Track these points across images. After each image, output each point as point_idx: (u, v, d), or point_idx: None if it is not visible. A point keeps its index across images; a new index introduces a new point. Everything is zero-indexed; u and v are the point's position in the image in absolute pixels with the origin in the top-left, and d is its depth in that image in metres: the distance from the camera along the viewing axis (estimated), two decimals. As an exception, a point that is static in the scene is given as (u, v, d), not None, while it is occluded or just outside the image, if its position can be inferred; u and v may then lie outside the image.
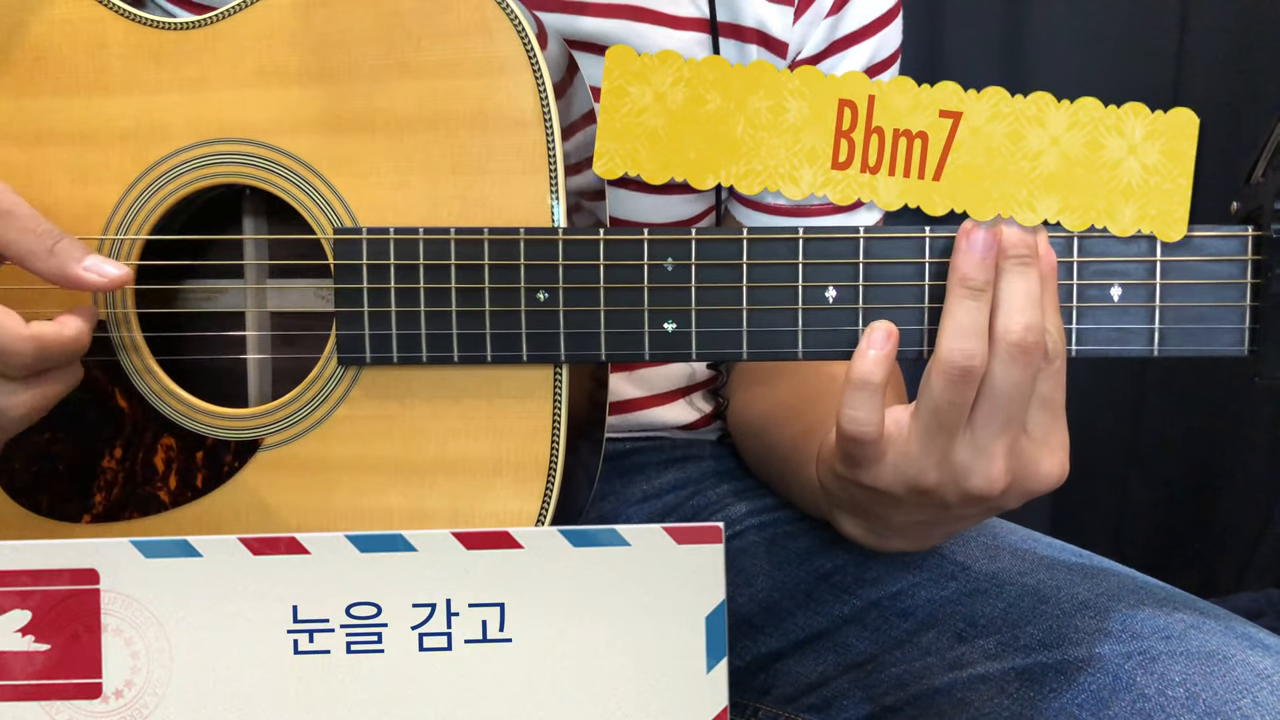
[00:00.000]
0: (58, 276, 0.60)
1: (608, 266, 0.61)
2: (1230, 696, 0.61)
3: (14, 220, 0.59)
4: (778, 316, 0.61)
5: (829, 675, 0.73)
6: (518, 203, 0.63)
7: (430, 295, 0.63)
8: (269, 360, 0.71)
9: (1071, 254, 0.59)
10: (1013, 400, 0.56)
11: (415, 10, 0.63)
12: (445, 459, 0.65)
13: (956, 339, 0.56)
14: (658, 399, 0.86)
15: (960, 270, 0.57)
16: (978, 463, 0.57)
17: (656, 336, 0.62)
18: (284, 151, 0.65)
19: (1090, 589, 0.69)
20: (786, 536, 0.79)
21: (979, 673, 0.67)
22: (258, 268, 0.70)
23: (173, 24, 0.66)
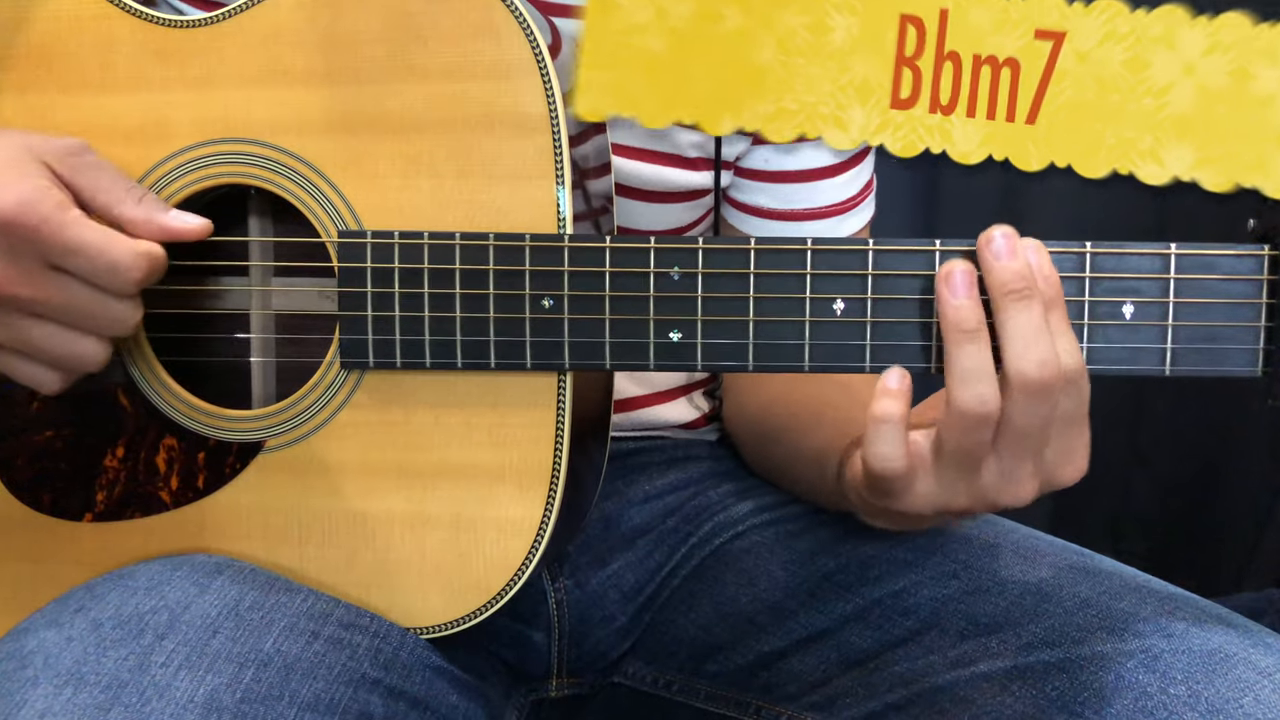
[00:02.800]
0: (146, 223, 0.63)
1: (613, 274, 0.61)
2: (1232, 695, 0.61)
3: (105, 171, 0.63)
4: (784, 328, 0.60)
5: (831, 674, 0.73)
6: (524, 208, 0.62)
7: (434, 300, 0.62)
8: (273, 361, 0.70)
9: (1084, 270, 0.58)
10: (1035, 430, 0.56)
11: (423, 12, 0.62)
12: (448, 464, 0.64)
13: (965, 386, 0.55)
14: (658, 397, 0.86)
15: (949, 318, 0.56)
16: (1006, 487, 0.57)
17: (662, 346, 0.61)
18: (289, 152, 0.65)
19: (1092, 587, 0.69)
20: (788, 536, 0.79)
21: (981, 671, 0.67)
22: (262, 269, 0.69)
23: (179, 22, 0.66)
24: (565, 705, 0.81)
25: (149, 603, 0.59)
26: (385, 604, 0.65)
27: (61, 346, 0.62)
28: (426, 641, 0.65)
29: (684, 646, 0.79)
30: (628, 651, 0.81)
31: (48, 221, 0.59)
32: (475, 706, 0.68)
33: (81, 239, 0.59)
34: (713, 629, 0.78)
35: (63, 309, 0.61)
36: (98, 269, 0.60)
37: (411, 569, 0.65)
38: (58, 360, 0.62)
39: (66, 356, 0.62)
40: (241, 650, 0.57)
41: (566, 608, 0.80)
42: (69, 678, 0.55)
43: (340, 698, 0.58)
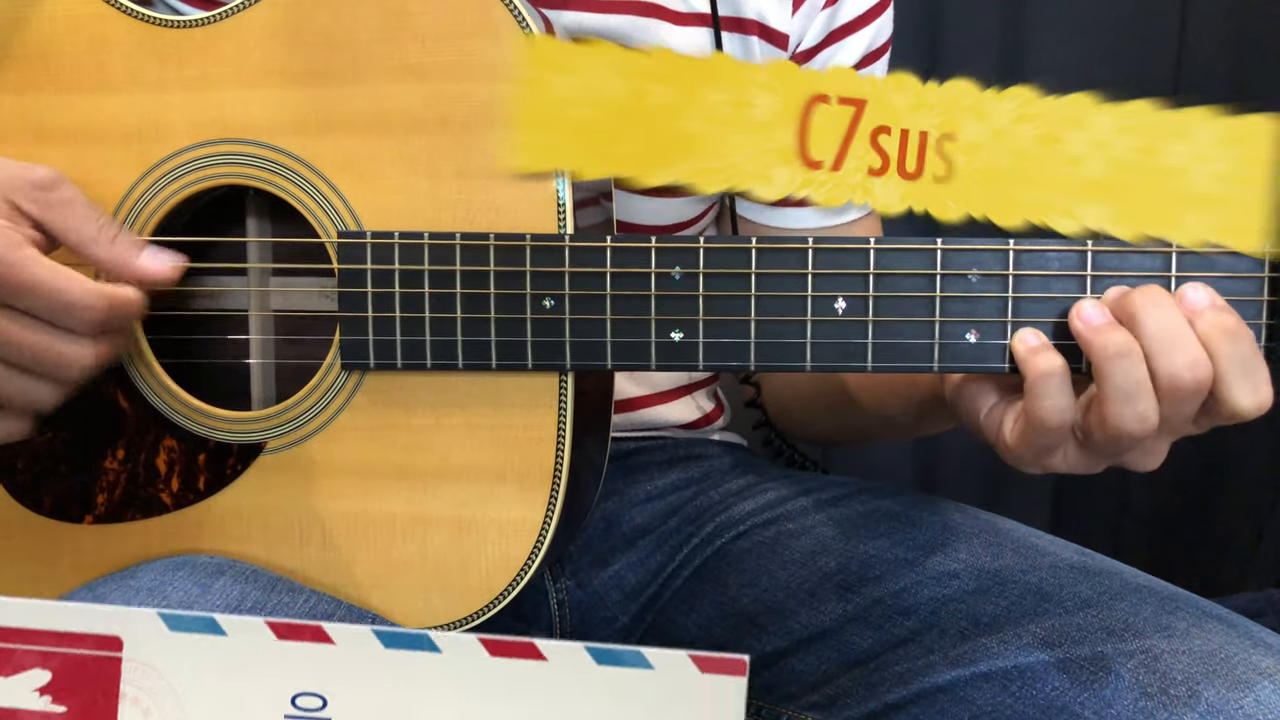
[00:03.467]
0: (117, 265, 0.62)
1: (614, 274, 0.61)
2: (1232, 695, 0.60)
3: (76, 208, 0.61)
4: (786, 327, 0.60)
5: (831, 674, 0.73)
6: (523, 208, 0.62)
7: (435, 301, 0.62)
8: (272, 362, 0.70)
9: (1085, 269, 0.58)
10: (1184, 422, 0.58)
11: (421, 11, 0.62)
12: (449, 465, 0.64)
13: (1127, 404, 0.56)
14: (660, 397, 0.86)
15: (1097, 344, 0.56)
16: (1149, 458, 0.59)
17: (663, 346, 0.61)
18: (287, 152, 0.64)
19: (1092, 587, 0.68)
20: (789, 536, 0.79)
21: (981, 671, 0.67)
22: (261, 270, 0.69)
23: (176, 22, 0.65)
24: (567, 706, 0.81)
25: (151, 604, 0.59)
26: (386, 605, 0.65)
27: (12, 388, 0.61)
28: (428, 642, 0.65)
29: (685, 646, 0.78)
30: (629, 652, 0.81)
31: (2, 260, 0.57)
32: (477, 707, 0.68)
33: (35, 278, 0.58)
34: (714, 629, 0.77)
35: (15, 349, 0.59)
36: (54, 309, 0.59)
37: (413, 570, 0.65)
38: (8, 400, 0.61)
39: (16, 396, 0.61)
40: (243, 652, 0.57)
41: (568, 608, 0.80)
42: (70, 680, 0.55)
43: (342, 699, 0.58)
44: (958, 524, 0.75)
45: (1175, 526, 1.45)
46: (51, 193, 0.61)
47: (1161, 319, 0.55)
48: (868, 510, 0.78)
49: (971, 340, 0.59)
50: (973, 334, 0.59)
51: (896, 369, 0.60)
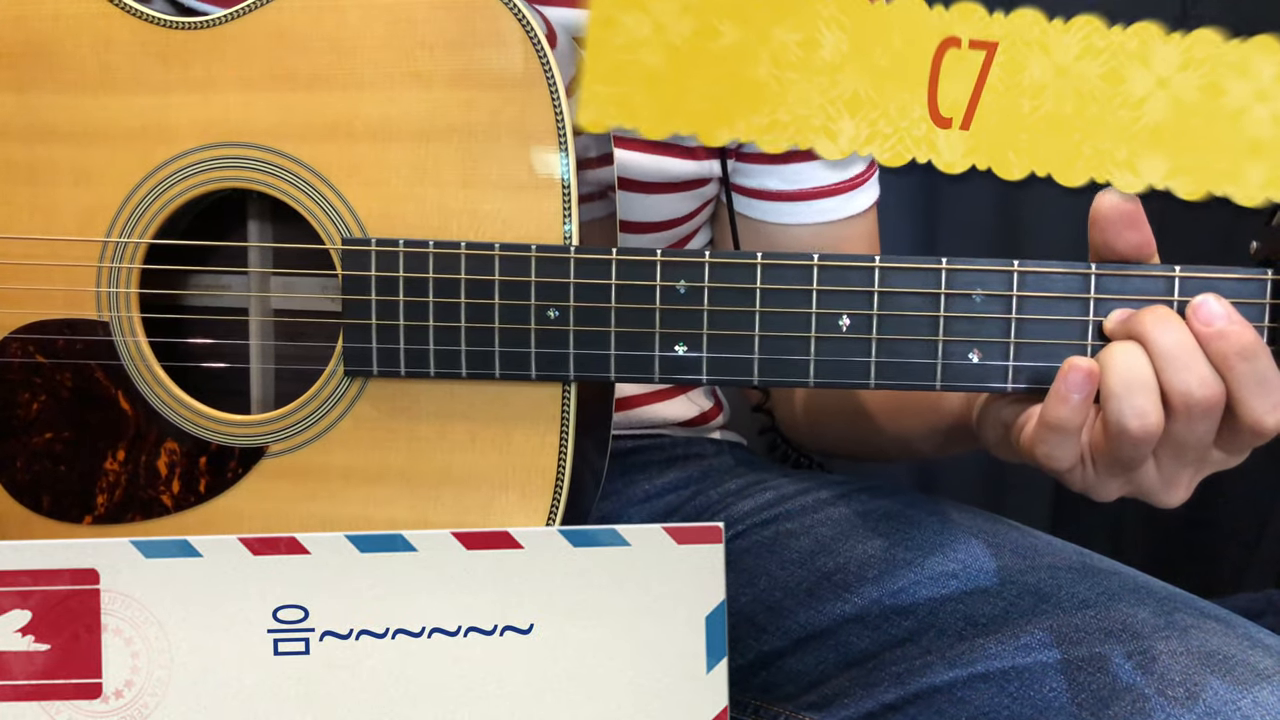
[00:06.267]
0: None
1: (619, 287, 0.61)
2: (1231, 696, 0.61)
3: None
4: (790, 343, 0.60)
5: (829, 673, 0.73)
6: (529, 218, 0.62)
7: (439, 310, 0.62)
8: (273, 366, 0.70)
9: (1088, 291, 0.58)
10: (1199, 444, 0.56)
11: (429, 19, 0.62)
12: (451, 472, 0.64)
13: (1128, 400, 0.54)
14: (657, 395, 0.86)
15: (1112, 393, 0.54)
16: (1166, 491, 0.59)
17: (667, 359, 0.61)
18: (292, 157, 0.64)
19: (1091, 588, 0.69)
20: (788, 535, 0.79)
21: (979, 671, 0.67)
22: (263, 274, 0.69)
23: (181, 23, 0.65)
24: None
25: None
26: (387, 610, 0.65)
27: None
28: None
29: (685, 646, 0.79)
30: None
31: None
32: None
33: None
34: (712, 629, 0.78)
35: None
36: None
37: (413, 576, 0.65)
38: None
39: None
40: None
41: (567, 610, 0.80)
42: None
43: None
44: (956, 524, 0.76)
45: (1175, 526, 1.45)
46: None
47: (1173, 336, 0.55)
48: (866, 510, 0.78)
49: (974, 360, 0.59)
50: (975, 354, 0.59)
51: (899, 387, 0.60)
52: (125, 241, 0.66)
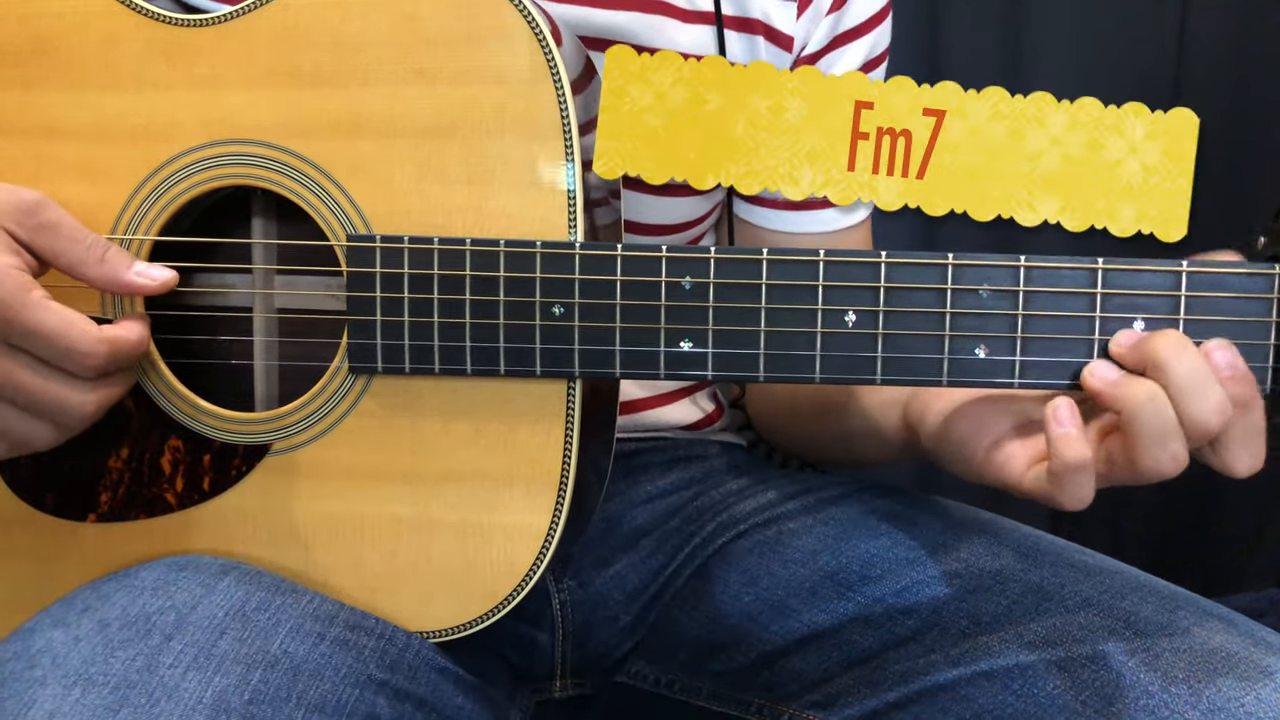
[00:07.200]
0: (110, 283, 0.62)
1: (625, 283, 0.61)
2: (1234, 694, 0.61)
3: (61, 230, 0.61)
4: (796, 339, 0.60)
5: (832, 672, 0.73)
6: (534, 214, 0.62)
7: (444, 306, 0.62)
8: (277, 363, 0.70)
9: (1095, 286, 0.58)
10: None
11: (433, 16, 0.62)
12: (455, 470, 0.64)
13: (1164, 448, 0.56)
14: (662, 399, 0.86)
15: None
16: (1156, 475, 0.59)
17: (672, 355, 0.61)
18: (296, 154, 0.64)
19: (1093, 586, 0.69)
20: (790, 535, 0.79)
21: (982, 669, 0.67)
22: (267, 271, 0.69)
23: (186, 21, 0.65)
24: (569, 706, 0.81)
25: (156, 603, 0.59)
26: (390, 608, 0.65)
27: (8, 426, 0.61)
28: (432, 644, 0.65)
29: (687, 646, 0.79)
30: (631, 651, 0.81)
31: (8, 304, 0.57)
32: (480, 708, 0.68)
33: (39, 322, 0.58)
34: (715, 628, 0.78)
35: (14, 390, 0.59)
36: (56, 353, 0.59)
37: (417, 574, 0.65)
38: (2, 434, 0.61)
39: (10, 434, 0.61)
40: (249, 651, 0.57)
41: (570, 609, 0.80)
42: (77, 678, 0.55)
43: (347, 699, 0.58)
44: (958, 523, 0.76)
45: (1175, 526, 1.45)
46: (38, 216, 0.60)
47: (1189, 364, 0.56)
48: (868, 509, 0.78)
49: (981, 355, 0.59)
50: (982, 349, 0.59)
51: (905, 383, 0.60)
52: (130, 239, 0.66)
